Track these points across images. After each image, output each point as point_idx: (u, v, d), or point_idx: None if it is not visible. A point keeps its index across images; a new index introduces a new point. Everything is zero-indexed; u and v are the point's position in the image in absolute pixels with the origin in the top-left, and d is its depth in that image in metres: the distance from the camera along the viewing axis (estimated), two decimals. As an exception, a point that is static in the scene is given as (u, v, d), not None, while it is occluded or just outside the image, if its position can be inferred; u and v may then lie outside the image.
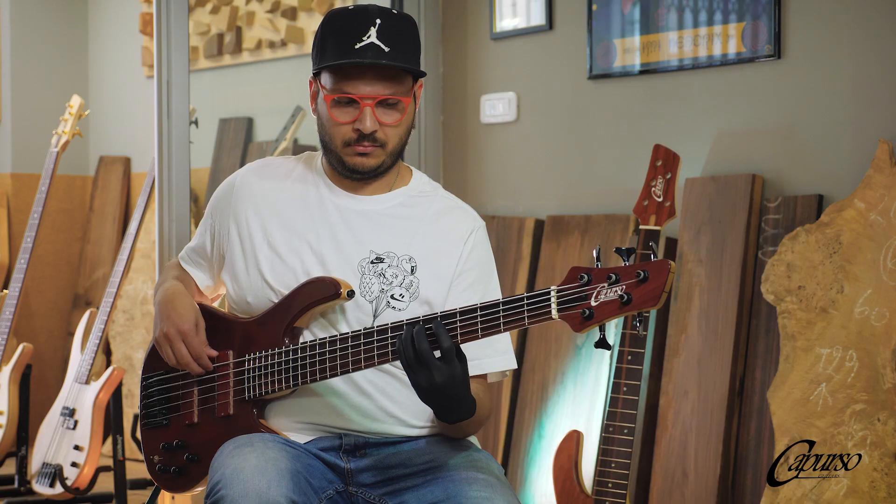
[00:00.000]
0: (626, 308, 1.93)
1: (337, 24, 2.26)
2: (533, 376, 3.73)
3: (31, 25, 5.44)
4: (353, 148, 2.27)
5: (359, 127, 2.24)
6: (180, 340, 2.31)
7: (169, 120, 3.64)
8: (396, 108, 2.26)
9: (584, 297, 1.97)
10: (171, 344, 2.31)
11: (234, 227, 2.36)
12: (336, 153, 2.29)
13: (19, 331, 4.93)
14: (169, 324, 2.32)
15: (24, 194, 5.33)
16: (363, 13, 2.25)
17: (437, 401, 2.11)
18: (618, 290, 1.94)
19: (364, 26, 2.23)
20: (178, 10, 3.64)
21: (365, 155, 2.27)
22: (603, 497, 3.00)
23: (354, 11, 2.26)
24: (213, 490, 2.11)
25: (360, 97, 2.23)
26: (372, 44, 2.22)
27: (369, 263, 2.28)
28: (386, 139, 2.27)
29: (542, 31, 3.91)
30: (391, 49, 2.22)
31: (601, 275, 1.96)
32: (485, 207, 4.04)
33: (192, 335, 2.31)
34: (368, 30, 2.22)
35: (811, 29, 3.28)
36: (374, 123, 2.24)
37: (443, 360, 2.07)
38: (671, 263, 1.92)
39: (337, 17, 2.27)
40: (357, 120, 2.24)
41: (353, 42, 2.22)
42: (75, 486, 4.05)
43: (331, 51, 2.24)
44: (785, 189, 3.32)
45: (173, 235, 3.61)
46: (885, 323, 2.99)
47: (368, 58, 2.21)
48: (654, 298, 1.92)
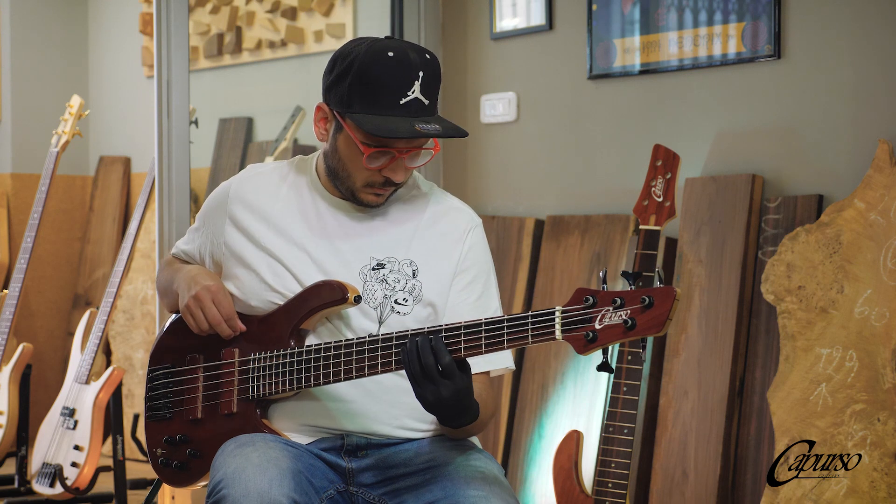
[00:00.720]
0: (630, 333, 1.93)
1: (379, 71, 2.18)
2: (533, 376, 3.73)
3: (31, 25, 5.44)
4: (373, 189, 2.26)
5: (389, 175, 2.22)
6: (210, 301, 2.29)
7: (169, 120, 3.64)
8: (424, 152, 2.25)
9: (588, 320, 1.97)
10: (202, 304, 2.29)
11: (231, 236, 2.35)
12: (352, 188, 2.27)
13: (19, 331, 4.93)
14: (197, 286, 2.30)
15: (24, 194, 5.33)
16: (407, 63, 2.18)
17: (442, 412, 2.11)
18: (622, 314, 1.94)
19: (410, 80, 2.18)
20: (178, 10, 3.64)
21: (382, 195, 2.27)
22: (603, 497, 3.00)
23: (398, 60, 2.18)
24: (215, 489, 2.12)
25: (397, 149, 2.21)
26: (416, 99, 2.18)
27: (371, 270, 2.28)
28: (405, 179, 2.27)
29: (542, 31, 3.91)
30: (429, 102, 2.20)
31: (607, 298, 1.96)
32: (485, 207, 4.05)
33: (223, 294, 2.30)
34: (413, 84, 2.18)
35: (811, 29, 3.28)
36: (405, 174, 2.23)
37: (447, 374, 2.06)
38: (677, 290, 1.92)
39: (379, 61, 2.18)
40: (388, 168, 2.22)
41: (398, 97, 2.17)
42: (75, 486, 4.05)
43: (372, 101, 2.18)
44: (785, 189, 3.32)
45: (173, 235, 3.61)
46: (885, 323, 2.99)
47: (412, 114, 2.17)
48: (659, 325, 1.92)
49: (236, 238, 2.35)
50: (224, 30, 5.05)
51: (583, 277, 3.68)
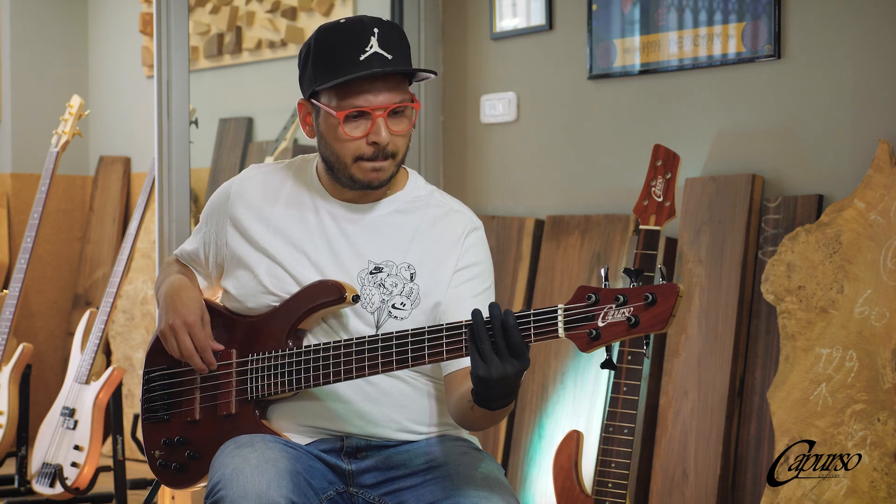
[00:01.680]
0: (633, 330, 1.93)
1: (336, 38, 2.21)
2: (533, 376, 3.73)
3: (31, 25, 5.44)
4: (367, 163, 2.23)
5: (374, 140, 2.21)
6: (186, 333, 2.30)
7: (169, 120, 3.64)
8: (405, 115, 2.24)
9: (591, 318, 1.96)
10: (176, 336, 2.30)
11: (232, 237, 2.35)
12: (346, 170, 2.25)
13: (19, 331, 4.93)
14: (175, 315, 2.31)
15: (24, 194, 5.33)
16: (359, 24, 2.21)
17: (498, 391, 2.02)
18: (625, 311, 1.94)
19: (364, 37, 2.19)
20: (178, 10, 3.64)
21: (379, 169, 2.24)
22: (603, 497, 3.00)
23: (350, 24, 2.22)
24: (213, 490, 2.12)
25: (372, 109, 2.20)
26: (376, 53, 2.19)
27: (368, 274, 2.27)
28: (396, 148, 2.24)
29: (542, 31, 3.91)
30: (394, 56, 2.20)
31: (609, 295, 1.96)
32: (485, 207, 4.04)
33: (198, 328, 2.30)
34: (369, 40, 2.19)
35: (811, 29, 3.28)
36: (388, 134, 2.21)
37: (517, 353, 1.99)
38: (680, 287, 1.92)
39: (331, 31, 2.23)
40: (371, 132, 2.21)
41: (356, 54, 2.18)
42: (75, 486, 4.05)
43: (332, 67, 2.20)
44: (785, 189, 3.32)
45: (173, 235, 3.61)
46: (885, 323, 2.99)
47: (376, 67, 2.18)
48: (662, 322, 1.92)
49: (236, 239, 2.35)
50: (224, 30, 5.05)
51: (583, 277, 3.68)
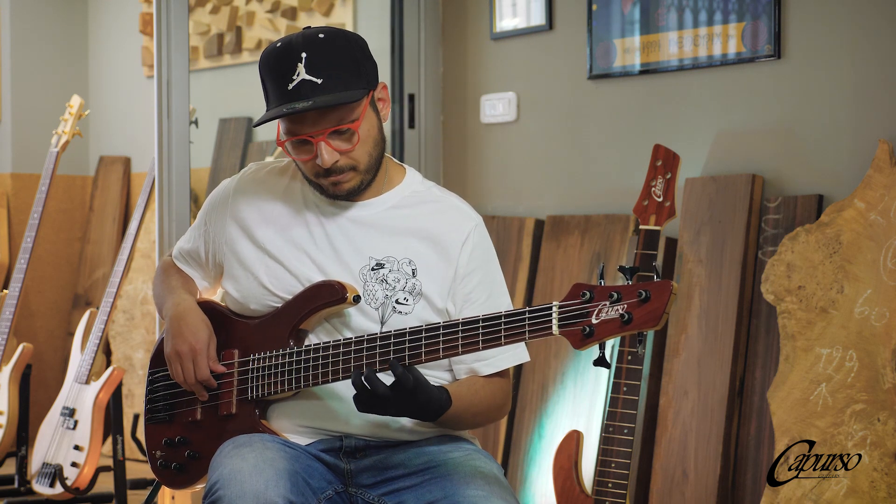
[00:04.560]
0: (626, 327, 1.94)
1: (269, 66, 2.22)
2: (533, 376, 3.73)
3: (31, 25, 5.44)
4: (324, 180, 2.25)
5: (319, 163, 2.22)
6: (190, 360, 2.31)
7: (169, 120, 3.64)
8: (348, 135, 2.23)
9: (585, 314, 1.97)
10: (182, 363, 2.32)
11: (232, 234, 2.36)
12: (314, 183, 2.29)
13: (19, 331, 4.93)
14: (181, 341, 2.32)
15: (24, 194, 5.33)
16: (287, 49, 2.20)
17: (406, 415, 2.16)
18: (619, 308, 1.95)
19: (291, 64, 2.18)
20: (178, 10, 3.64)
21: (338, 183, 2.26)
22: (603, 497, 3.00)
23: (280, 50, 2.21)
24: (211, 490, 2.12)
25: (309, 136, 2.20)
26: (303, 81, 2.18)
27: (370, 270, 2.28)
28: (354, 162, 2.24)
29: (542, 31, 3.91)
30: (324, 80, 2.18)
31: (603, 293, 1.97)
32: (485, 207, 4.04)
33: (203, 355, 2.31)
34: (296, 67, 2.18)
35: (811, 29, 3.28)
36: (332, 156, 2.21)
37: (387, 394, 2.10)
38: (673, 284, 1.93)
39: (267, 58, 2.23)
40: (315, 156, 2.22)
41: (285, 84, 2.19)
42: (75, 486, 4.05)
43: (270, 96, 2.23)
44: (785, 189, 3.32)
45: (173, 235, 3.61)
46: (885, 323, 2.99)
47: (302, 97, 2.17)
48: (655, 319, 1.92)
49: (237, 237, 2.35)
50: (224, 30, 5.05)
51: (583, 277, 3.68)
